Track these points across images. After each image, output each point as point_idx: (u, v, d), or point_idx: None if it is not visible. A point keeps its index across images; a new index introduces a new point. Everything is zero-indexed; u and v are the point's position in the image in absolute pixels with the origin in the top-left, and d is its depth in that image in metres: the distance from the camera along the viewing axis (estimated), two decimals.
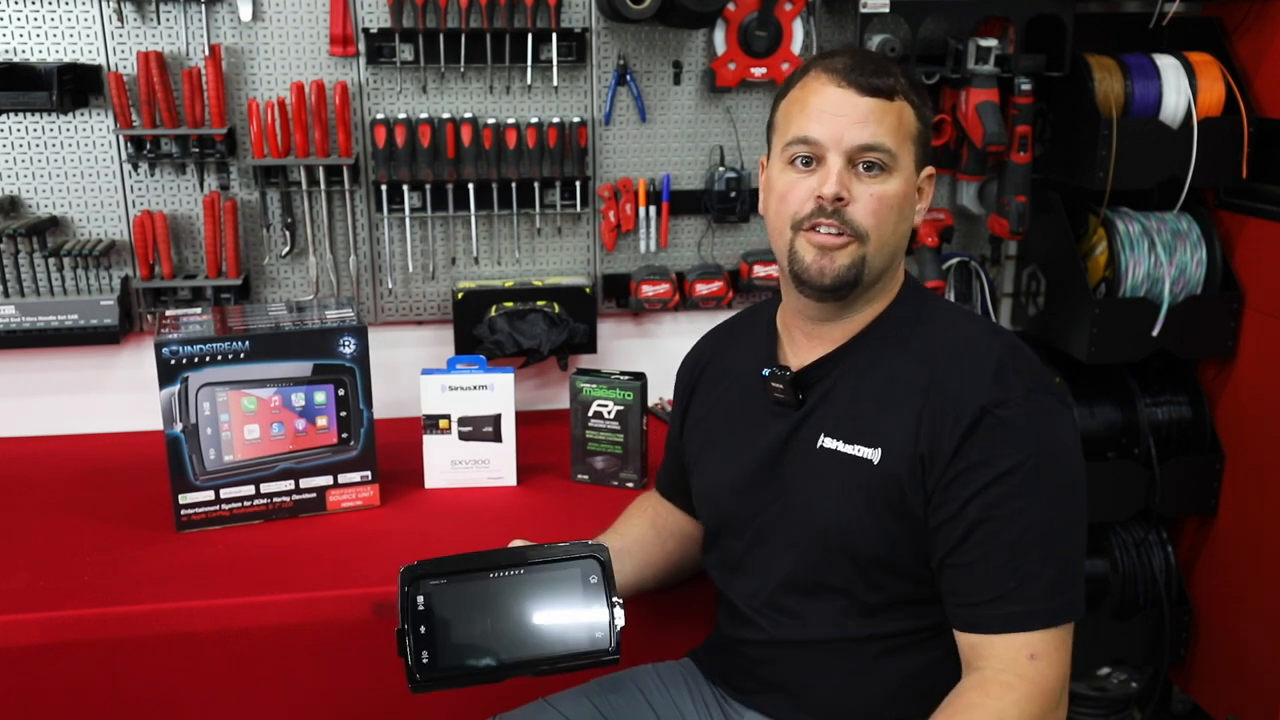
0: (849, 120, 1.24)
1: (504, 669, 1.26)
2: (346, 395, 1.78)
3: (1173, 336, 2.28)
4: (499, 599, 1.27)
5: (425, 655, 1.24)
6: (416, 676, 1.23)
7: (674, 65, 2.25)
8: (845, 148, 1.24)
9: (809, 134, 1.25)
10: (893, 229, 1.27)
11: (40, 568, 1.63)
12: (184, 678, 1.56)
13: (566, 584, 1.28)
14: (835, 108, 1.24)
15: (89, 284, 2.13)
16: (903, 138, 1.26)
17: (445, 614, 1.25)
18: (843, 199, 1.24)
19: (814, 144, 1.25)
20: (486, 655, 1.26)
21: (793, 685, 1.35)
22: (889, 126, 1.24)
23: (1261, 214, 2.26)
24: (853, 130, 1.23)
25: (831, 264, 1.26)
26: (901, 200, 1.27)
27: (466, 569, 1.27)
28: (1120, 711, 2.48)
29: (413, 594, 1.25)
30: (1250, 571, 2.33)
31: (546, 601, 1.28)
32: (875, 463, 1.25)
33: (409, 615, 1.24)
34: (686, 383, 1.55)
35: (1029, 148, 2.23)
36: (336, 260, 2.23)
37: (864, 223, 1.25)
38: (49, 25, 2.04)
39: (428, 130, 2.15)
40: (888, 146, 1.24)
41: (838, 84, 1.25)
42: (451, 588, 1.26)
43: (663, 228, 2.32)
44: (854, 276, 1.26)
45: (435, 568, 1.26)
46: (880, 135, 1.24)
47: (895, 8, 2.11)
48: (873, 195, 1.25)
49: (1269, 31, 2.23)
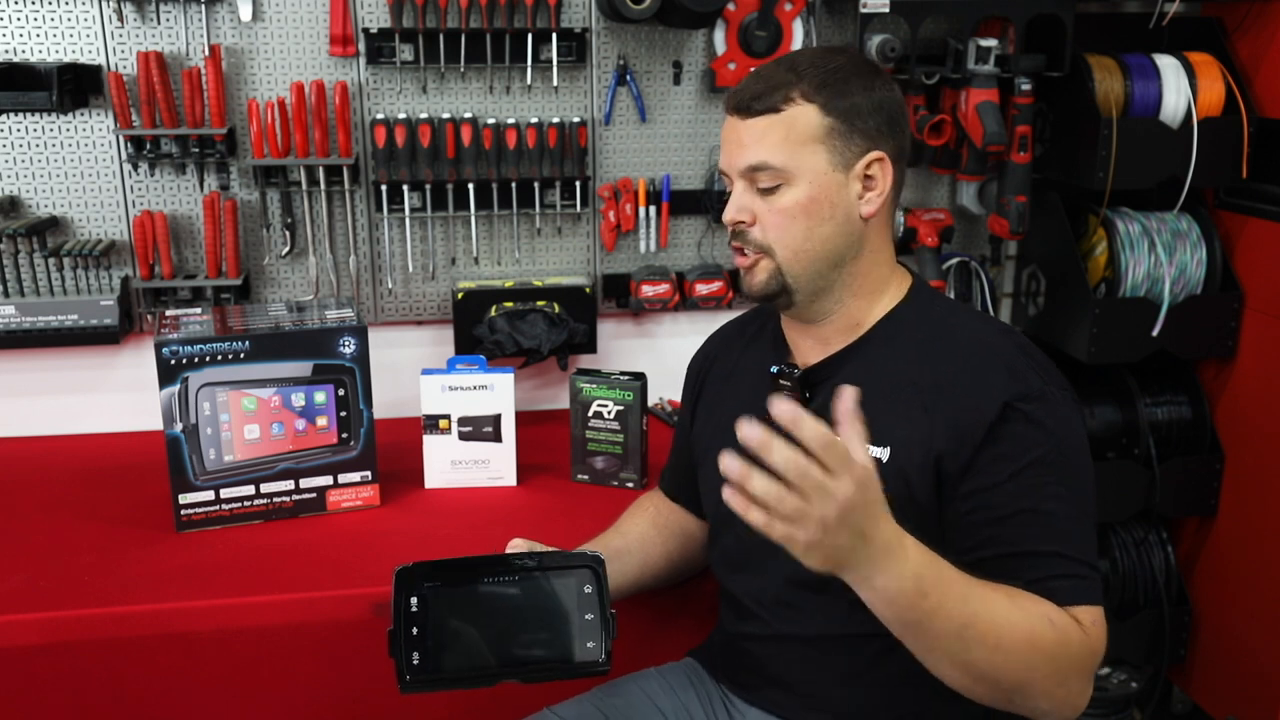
0: (736, 145, 1.31)
1: (494, 674, 1.27)
2: (346, 395, 1.78)
3: (1173, 336, 2.28)
4: (493, 604, 1.27)
5: (416, 656, 1.24)
6: (406, 677, 1.24)
7: (674, 65, 2.25)
8: (739, 171, 1.30)
9: (720, 165, 1.36)
10: (805, 235, 1.29)
11: (40, 568, 1.63)
12: (184, 678, 1.56)
13: (561, 593, 1.28)
14: (729, 135, 1.32)
15: (89, 284, 2.13)
16: (796, 145, 1.27)
17: (438, 617, 1.26)
18: (742, 221, 1.31)
19: (725, 173, 1.34)
20: (477, 659, 1.27)
21: (796, 682, 1.36)
22: (774, 141, 1.27)
23: (1261, 214, 2.26)
24: (739, 155, 1.30)
25: (752, 279, 1.33)
26: (807, 205, 1.28)
27: (462, 573, 1.27)
28: (1120, 711, 2.48)
29: (406, 595, 1.25)
30: (1250, 571, 2.33)
31: (540, 609, 1.28)
32: (884, 461, 1.26)
33: (402, 616, 1.24)
34: (695, 381, 1.56)
35: (1029, 148, 2.23)
36: (336, 260, 2.23)
37: (765, 238, 1.31)
38: (49, 25, 2.04)
39: (428, 130, 2.15)
40: (772, 163, 1.27)
41: (729, 112, 1.33)
42: (446, 591, 1.26)
43: (663, 228, 2.32)
44: (776, 287, 1.32)
45: (430, 570, 1.26)
46: (762, 153, 1.28)
47: (895, 8, 2.11)
48: (772, 210, 1.29)
49: (1269, 31, 2.23)
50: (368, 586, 1.58)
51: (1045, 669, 1.12)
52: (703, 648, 1.53)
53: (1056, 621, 1.13)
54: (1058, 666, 1.13)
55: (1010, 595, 1.13)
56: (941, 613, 1.07)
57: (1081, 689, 1.16)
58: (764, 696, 1.40)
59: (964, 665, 1.11)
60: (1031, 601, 1.14)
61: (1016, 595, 1.13)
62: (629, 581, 1.48)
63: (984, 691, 1.13)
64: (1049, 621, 1.13)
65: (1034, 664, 1.12)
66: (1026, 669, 1.11)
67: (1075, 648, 1.14)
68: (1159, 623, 2.45)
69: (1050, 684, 1.13)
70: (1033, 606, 1.13)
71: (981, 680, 1.12)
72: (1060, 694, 1.14)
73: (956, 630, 1.08)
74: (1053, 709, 1.15)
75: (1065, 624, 1.14)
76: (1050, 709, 1.15)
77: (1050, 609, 1.14)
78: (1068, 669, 1.14)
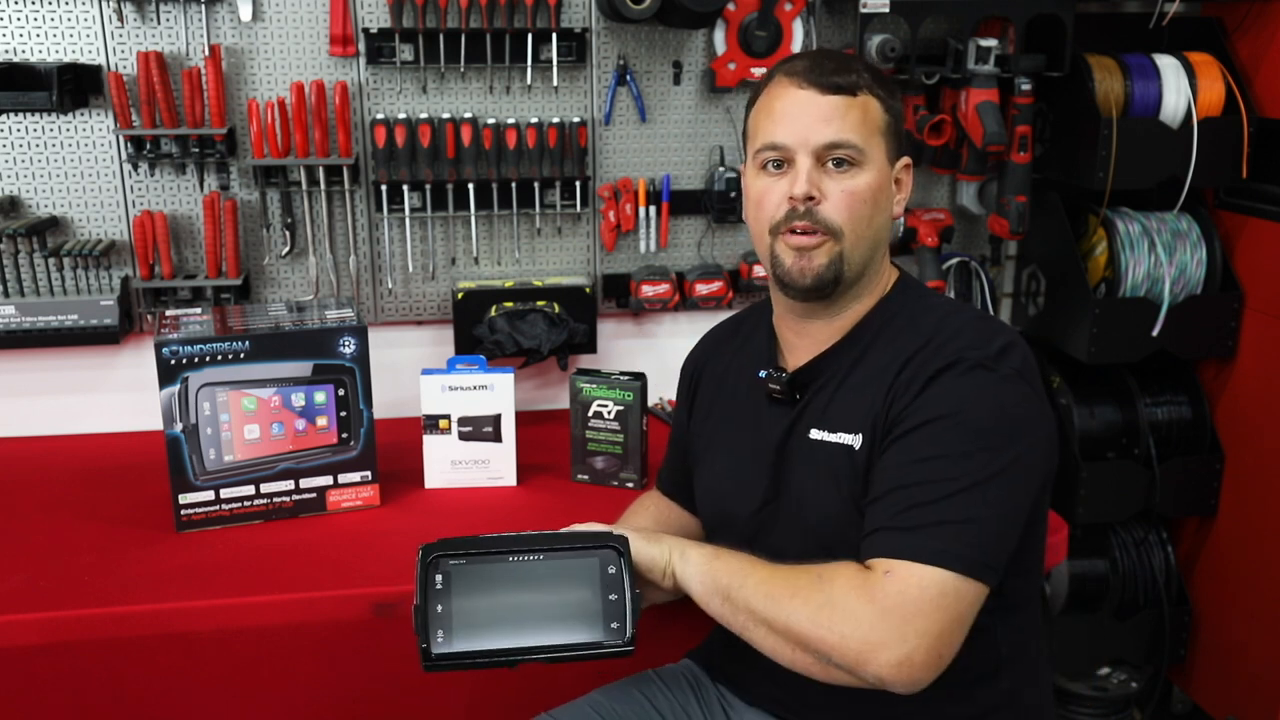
0: (813, 120, 1.27)
1: (518, 654, 1.24)
2: (346, 395, 1.78)
3: (1173, 336, 2.28)
4: (517, 583, 1.25)
5: (440, 634, 1.22)
6: (432, 655, 1.22)
7: (674, 65, 2.25)
8: (812, 147, 1.27)
9: (776, 139, 1.29)
10: (868, 222, 1.29)
11: (40, 568, 1.63)
12: (184, 678, 1.56)
13: (586, 572, 1.26)
14: (799, 109, 1.28)
15: (89, 284, 2.13)
16: (870, 131, 1.28)
17: (462, 594, 1.23)
18: (814, 198, 1.27)
19: (782, 148, 1.29)
20: (501, 639, 1.24)
21: (796, 681, 1.35)
22: (854, 122, 1.27)
23: (1261, 214, 2.26)
24: (817, 129, 1.27)
25: (810, 264, 1.28)
26: (875, 193, 1.29)
27: (487, 550, 1.26)
28: (1120, 711, 2.48)
29: (431, 572, 1.23)
30: (1250, 571, 2.33)
31: (565, 589, 1.26)
32: (856, 448, 1.27)
33: (426, 593, 1.23)
34: (689, 381, 1.56)
35: (1029, 148, 2.23)
36: (336, 260, 2.23)
37: (837, 219, 1.28)
38: (49, 25, 2.04)
39: (428, 130, 2.15)
40: (854, 142, 1.27)
41: (799, 86, 1.28)
42: (470, 568, 1.24)
43: (663, 228, 2.32)
44: (833, 274, 1.29)
45: (455, 547, 1.25)
46: (845, 131, 1.27)
47: (895, 8, 2.11)
48: (844, 191, 1.27)
49: (1269, 31, 2.23)
50: (368, 586, 1.58)
51: (807, 613, 1.16)
52: (701, 650, 1.54)
53: (824, 573, 1.18)
54: (820, 611, 1.15)
55: (789, 569, 1.21)
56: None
57: (868, 634, 1.13)
58: (764, 697, 1.40)
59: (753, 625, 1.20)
60: (808, 568, 1.20)
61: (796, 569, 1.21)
62: None
63: (782, 650, 1.19)
64: (815, 575, 1.19)
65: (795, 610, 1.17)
66: (788, 616, 1.17)
67: (840, 589, 1.15)
68: (1159, 623, 2.45)
69: (817, 628, 1.15)
70: (805, 570, 1.20)
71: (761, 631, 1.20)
72: (835, 640, 1.14)
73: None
74: (847, 658, 1.14)
75: (834, 572, 1.18)
76: (846, 660, 1.14)
77: (828, 567, 1.19)
78: (833, 612, 1.14)
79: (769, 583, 1.21)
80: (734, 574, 1.24)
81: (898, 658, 1.12)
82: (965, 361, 1.22)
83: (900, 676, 1.13)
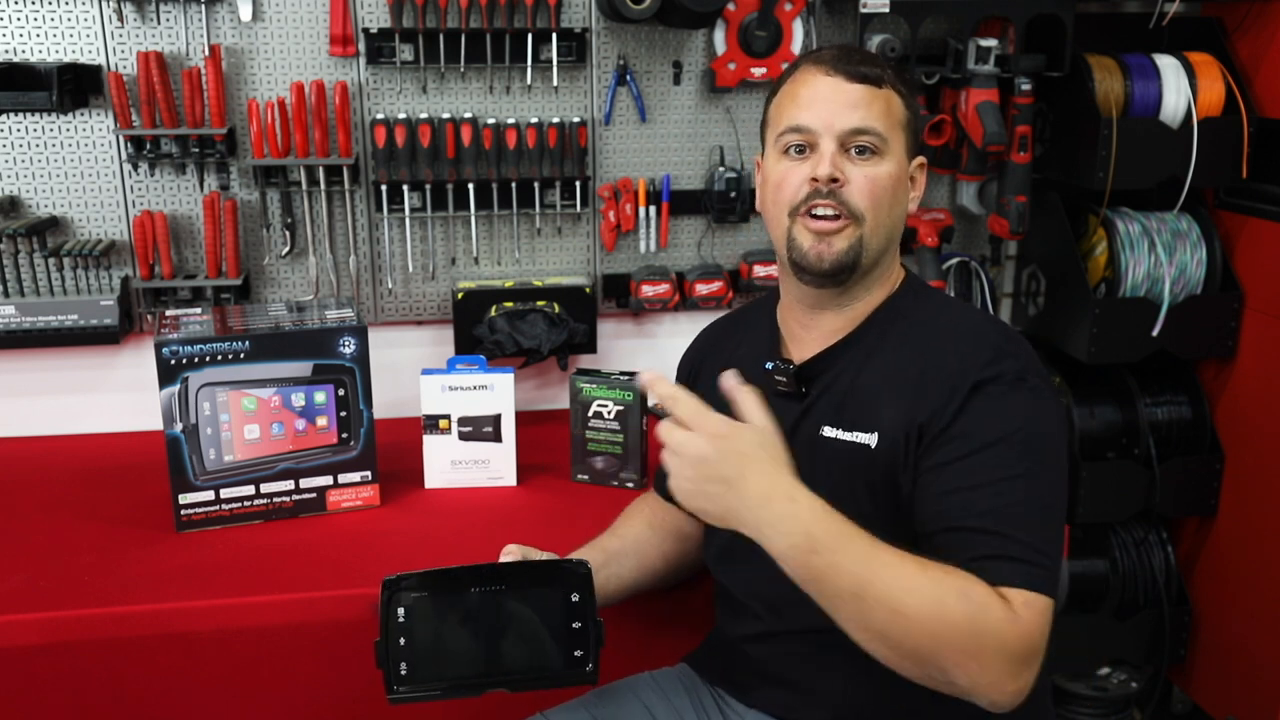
0: (839, 105, 1.28)
1: (482, 683, 1.27)
2: (346, 395, 1.78)
3: (1173, 336, 2.28)
4: (480, 614, 1.28)
5: (404, 667, 1.25)
6: (395, 687, 1.25)
7: (674, 65, 2.25)
8: (837, 132, 1.27)
9: (801, 122, 1.29)
10: (888, 211, 1.30)
11: (39, 568, 1.63)
12: (184, 678, 1.56)
13: (548, 601, 1.29)
14: (825, 95, 1.29)
15: (89, 284, 2.13)
16: (892, 124, 1.29)
17: (425, 627, 1.26)
18: (838, 179, 1.27)
19: (807, 131, 1.29)
20: (465, 669, 1.27)
21: (795, 679, 1.35)
22: (878, 111, 1.28)
23: (1261, 214, 2.26)
24: (843, 115, 1.27)
25: (830, 248, 1.28)
26: (894, 183, 1.30)
27: (448, 583, 1.28)
28: (1120, 711, 2.48)
29: (393, 605, 1.25)
30: (1250, 571, 2.33)
31: (527, 618, 1.29)
32: (873, 447, 1.26)
33: (389, 627, 1.25)
34: (688, 377, 1.56)
35: (1029, 148, 2.23)
36: (336, 260, 2.23)
37: (859, 203, 1.28)
38: (49, 25, 2.04)
39: (428, 130, 2.15)
40: (878, 130, 1.28)
41: (826, 73, 1.29)
42: (433, 601, 1.27)
43: (663, 228, 2.32)
44: (852, 259, 1.29)
45: (417, 581, 1.26)
46: (870, 119, 1.28)
47: (895, 8, 2.11)
48: (866, 177, 1.28)
49: (1269, 31, 2.23)
50: (368, 586, 1.56)
51: (955, 641, 1.07)
52: (697, 653, 1.53)
53: (973, 595, 1.08)
54: (969, 640, 1.07)
55: (922, 565, 1.09)
56: (836, 571, 1.07)
57: (1005, 670, 1.08)
58: (763, 697, 1.39)
59: (865, 627, 1.09)
60: (947, 573, 1.10)
61: (930, 566, 1.09)
62: (627, 583, 1.48)
63: (893, 657, 1.10)
64: (961, 593, 1.08)
65: (939, 633, 1.07)
66: (931, 638, 1.07)
67: (994, 624, 1.08)
68: (1159, 623, 2.45)
69: (962, 657, 1.07)
70: (947, 578, 1.09)
71: (886, 644, 1.09)
72: (975, 670, 1.08)
73: (854, 590, 1.07)
74: (972, 687, 1.09)
75: (984, 599, 1.08)
76: (969, 687, 1.09)
77: (970, 583, 1.09)
78: (983, 646, 1.08)
79: (898, 594, 1.09)
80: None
81: (1020, 688, 1.10)
82: (1006, 376, 1.22)
83: (1013, 704, 1.11)
